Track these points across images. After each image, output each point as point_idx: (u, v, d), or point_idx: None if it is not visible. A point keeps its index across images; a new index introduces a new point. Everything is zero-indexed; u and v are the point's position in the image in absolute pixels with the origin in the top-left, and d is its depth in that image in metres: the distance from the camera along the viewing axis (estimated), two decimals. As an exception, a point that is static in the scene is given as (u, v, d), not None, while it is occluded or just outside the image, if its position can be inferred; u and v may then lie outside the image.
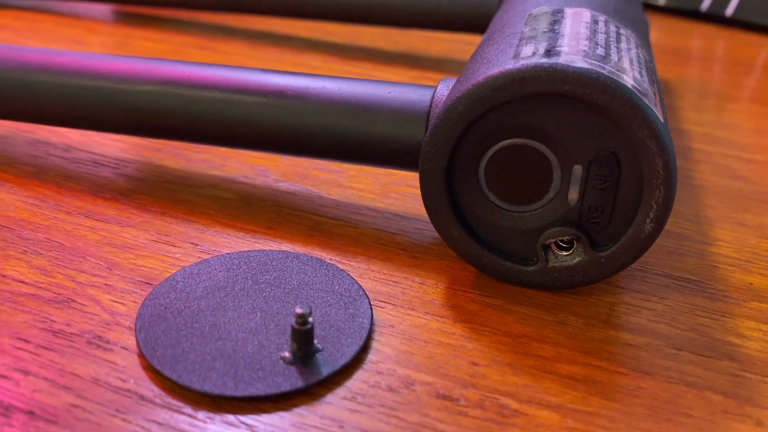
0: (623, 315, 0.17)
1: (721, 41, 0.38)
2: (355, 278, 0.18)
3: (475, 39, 0.29)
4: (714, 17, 0.41)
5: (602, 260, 0.16)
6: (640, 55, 0.18)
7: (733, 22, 0.41)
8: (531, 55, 0.16)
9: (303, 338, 0.14)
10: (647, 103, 0.15)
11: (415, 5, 0.31)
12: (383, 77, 0.31)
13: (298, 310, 0.14)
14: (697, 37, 0.39)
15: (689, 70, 0.34)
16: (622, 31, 0.18)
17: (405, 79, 0.31)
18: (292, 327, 0.14)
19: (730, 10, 0.41)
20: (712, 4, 0.41)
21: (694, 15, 0.42)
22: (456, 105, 0.16)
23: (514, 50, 0.16)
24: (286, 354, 0.15)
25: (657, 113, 0.15)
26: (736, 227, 0.21)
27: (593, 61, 0.15)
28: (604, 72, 0.15)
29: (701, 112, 0.29)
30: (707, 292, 0.18)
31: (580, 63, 0.15)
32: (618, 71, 0.15)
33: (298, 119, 0.19)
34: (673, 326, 0.17)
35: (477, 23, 0.30)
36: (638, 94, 0.15)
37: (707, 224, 0.21)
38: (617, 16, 0.19)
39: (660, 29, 0.39)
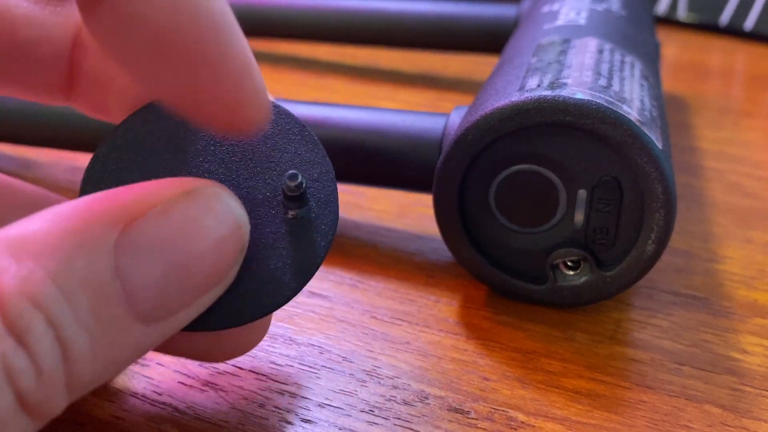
0: (629, 331, 0.18)
1: (740, 55, 0.39)
2: (374, 296, 0.19)
3: (493, 59, 0.30)
4: (733, 31, 0.42)
5: (608, 279, 0.17)
6: (643, 81, 0.18)
7: (753, 36, 0.41)
8: (536, 87, 0.17)
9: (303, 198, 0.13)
10: (646, 131, 0.16)
11: (434, 28, 0.32)
12: (403, 98, 0.32)
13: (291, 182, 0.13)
14: (716, 51, 0.39)
15: (707, 85, 0.34)
16: (627, 58, 0.19)
17: (424, 99, 0.32)
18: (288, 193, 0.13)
19: (749, 24, 0.41)
20: (731, 18, 0.41)
21: (713, 29, 0.43)
22: (466, 134, 0.17)
23: (521, 81, 0.17)
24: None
25: (656, 140, 0.16)
26: (744, 244, 0.21)
27: (594, 92, 0.16)
28: (605, 102, 0.16)
29: (717, 128, 0.29)
30: (712, 309, 0.19)
31: (581, 94, 0.16)
32: (618, 101, 0.16)
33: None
34: (677, 342, 0.17)
35: (494, 44, 0.31)
36: (637, 123, 0.16)
37: (715, 242, 0.21)
38: (624, 43, 0.20)
39: (679, 45, 0.40)
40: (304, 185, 0.13)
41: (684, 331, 0.18)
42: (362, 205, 0.23)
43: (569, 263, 0.18)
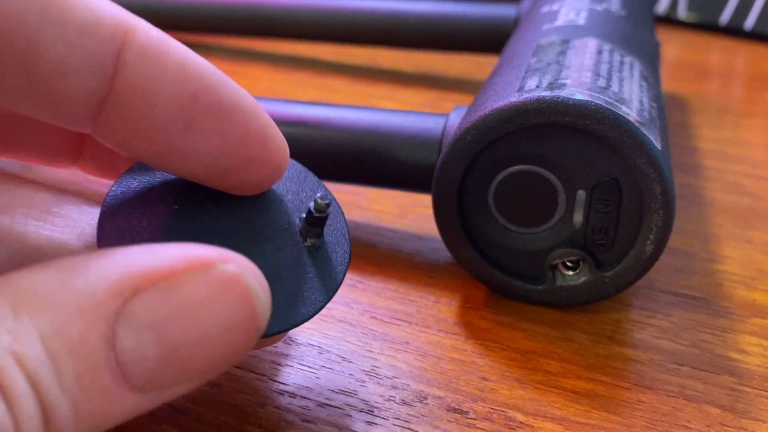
0: (628, 331, 0.18)
1: (740, 55, 0.39)
2: (373, 296, 0.19)
3: (493, 59, 0.30)
4: (733, 30, 0.42)
5: (607, 280, 0.17)
6: (642, 82, 0.18)
7: (753, 36, 0.41)
8: (535, 87, 0.17)
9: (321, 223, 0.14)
10: (644, 131, 0.16)
11: (434, 28, 0.32)
12: (403, 98, 0.32)
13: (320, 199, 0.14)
14: (716, 51, 0.39)
15: (707, 85, 0.34)
16: (626, 59, 0.19)
17: (424, 99, 0.32)
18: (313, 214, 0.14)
19: (749, 23, 0.41)
20: (731, 17, 0.41)
21: (713, 29, 0.43)
22: (465, 135, 0.17)
23: (520, 82, 0.17)
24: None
25: (655, 141, 0.16)
26: (743, 244, 0.21)
27: (593, 93, 0.16)
28: (603, 103, 0.16)
29: (717, 128, 0.29)
30: (711, 309, 0.19)
31: (580, 95, 0.16)
32: (617, 102, 0.16)
33: (319, 146, 0.20)
34: (676, 342, 0.17)
35: (494, 44, 0.31)
36: (636, 123, 0.16)
37: (714, 242, 0.21)
38: (624, 43, 0.20)
39: (679, 44, 0.40)
40: (331, 205, 0.14)
41: (683, 332, 0.18)
42: (362, 205, 0.23)
43: (568, 263, 0.18)
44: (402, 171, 0.20)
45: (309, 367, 0.16)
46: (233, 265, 0.11)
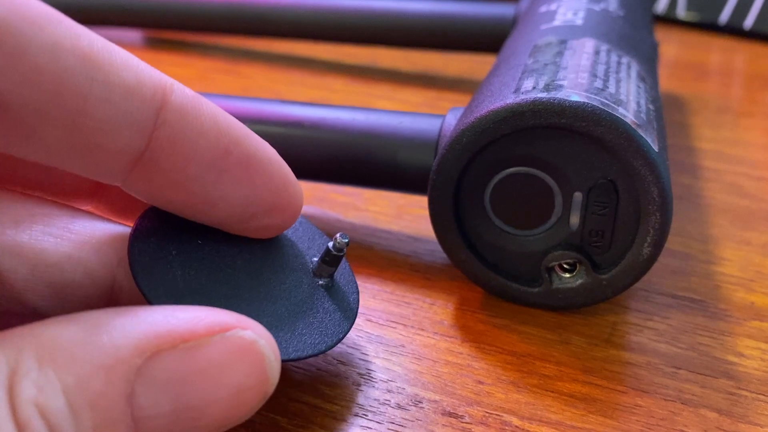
0: (625, 334, 0.18)
1: (740, 54, 0.39)
2: (369, 299, 0.19)
3: (491, 59, 0.30)
4: (733, 30, 0.42)
5: (604, 282, 0.17)
6: (640, 83, 0.18)
7: (753, 35, 0.41)
8: (531, 89, 0.16)
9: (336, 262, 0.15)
10: (642, 133, 0.16)
11: (432, 27, 0.32)
12: (402, 98, 0.32)
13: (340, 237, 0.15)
14: (716, 50, 0.39)
15: (706, 84, 0.34)
16: (623, 59, 0.19)
17: (422, 99, 0.32)
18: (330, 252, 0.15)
19: (749, 23, 0.41)
20: (730, 16, 0.41)
21: (712, 28, 0.42)
22: (461, 136, 0.17)
23: (516, 83, 0.17)
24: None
25: (652, 143, 0.16)
26: (741, 246, 0.21)
27: (590, 95, 0.16)
28: (600, 105, 0.16)
29: (715, 128, 0.29)
30: (709, 312, 0.18)
31: (576, 96, 0.16)
32: (614, 103, 0.16)
33: (315, 147, 0.20)
34: (673, 345, 0.17)
35: (493, 43, 0.31)
36: (633, 125, 0.16)
37: (713, 243, 0.21)
38: (621, 43, 0.20)
39: (678, 44, 0.40)
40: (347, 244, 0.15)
41: (680, 334, 0.18)
42: (358, 206, 0.23)
43: (565, 266, 0.18)
44: (398, 172, 0.19)
45: (304, 370, 0.16)
46: (250, 332, 0.12)
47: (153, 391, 0.11)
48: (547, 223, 0.17)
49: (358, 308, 0.16)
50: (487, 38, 0.31)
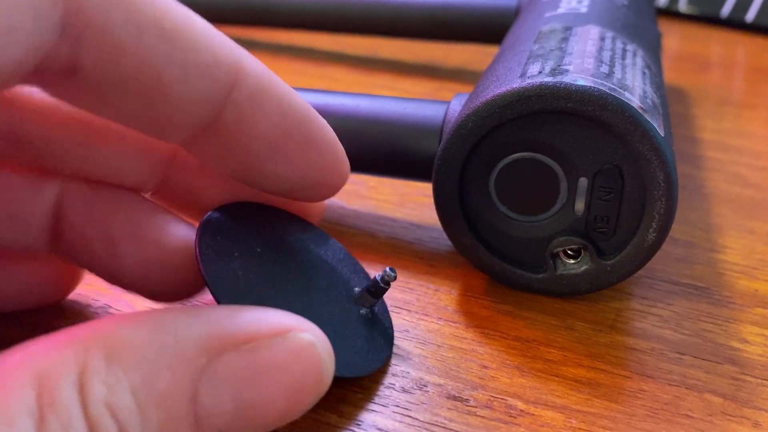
0: (629, 320, 0.18)
1: (741, 47, 0.39)
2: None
3: (493, 49, 0.30)
4: (734, 23, 0.42)
5: (608, 268, 0.17)
6: (645, 70, 0.18)
7: (754, 28, 0.41)
8: (537, 73, 0.16)
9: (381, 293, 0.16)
10: (648, 118, 0.16)
11: (434, 18, 0.32)
12: (404, 88, 0.32)
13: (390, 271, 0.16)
14: (717, 43, 0.39)
15: (708, 77, 0.34)
16: (628, 46, 0.19)
17: (424, 89, 0.32)
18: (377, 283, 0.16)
19: (750, 16, 0.41)
20: (732, 10, 0.41)
21: (714, 21, 0.42)
22: (466, 122, 0.17)
23: (522, 68, 0.17)
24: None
25: (658, 128, 0.16)
26: (745, 234, 0.21)
27: (596, 79, 0.16)
28: (607, 89, 0.16)
29: (718, 119, 0.29)
30: (713, 299, 0.18)
31: (583, 81, 0.16)
32: (620, 88, 0.16)
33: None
34: (677, 331, 0.17)
35: (495, 34, 0.31)
36: (639, 110, 0.16)
37: (716, 232, 0.21)
38: (625, 31, 0.20)
39: (680, 36, 0.40)
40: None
41: (684, 321, 0.18)
42: (362, 193, 0.23)
43: (569, 252, 0.18)
44: (402, 159, 0.19)
45: (308, 354, 0.16)
46: (309, 334, 0.13)
47: (216, 391, 0.11)
48: (552, 209, 0.17)
49: (393, 340, 0.17)
50: (489, 29, 0.30)
